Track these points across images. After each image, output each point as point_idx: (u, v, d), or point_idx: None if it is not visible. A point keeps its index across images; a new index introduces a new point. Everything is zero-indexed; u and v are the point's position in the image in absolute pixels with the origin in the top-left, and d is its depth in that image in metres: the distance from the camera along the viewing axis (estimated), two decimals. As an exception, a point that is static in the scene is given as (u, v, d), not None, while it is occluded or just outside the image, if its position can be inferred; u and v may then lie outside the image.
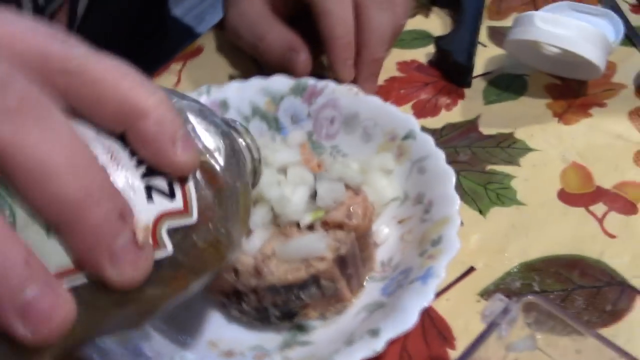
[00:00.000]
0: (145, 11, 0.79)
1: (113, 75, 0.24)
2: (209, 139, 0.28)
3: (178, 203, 0.26)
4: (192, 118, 0.28)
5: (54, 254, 0.23)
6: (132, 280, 0.23)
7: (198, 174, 0.27)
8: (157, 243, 0.25)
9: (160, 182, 0.25)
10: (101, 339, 0.27)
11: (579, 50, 0.48)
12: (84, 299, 0.23)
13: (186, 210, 0.26)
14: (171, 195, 0.25)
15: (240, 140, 0.31)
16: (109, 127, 0.25)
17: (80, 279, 0.23)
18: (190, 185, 0.26)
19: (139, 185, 0.25)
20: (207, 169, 0.27)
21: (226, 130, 0.29)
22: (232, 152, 0.28)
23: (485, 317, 0.32)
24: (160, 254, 0.25)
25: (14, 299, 0.21)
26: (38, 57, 0.23)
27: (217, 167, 0.27)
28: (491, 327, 0.30)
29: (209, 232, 0.27)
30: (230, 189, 0.28)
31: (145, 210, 0.25)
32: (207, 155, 0.27)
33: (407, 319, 0.35)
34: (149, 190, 0.25)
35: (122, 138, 0.25)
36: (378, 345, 0.34)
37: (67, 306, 0.22)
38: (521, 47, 0.53)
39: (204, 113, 0.28)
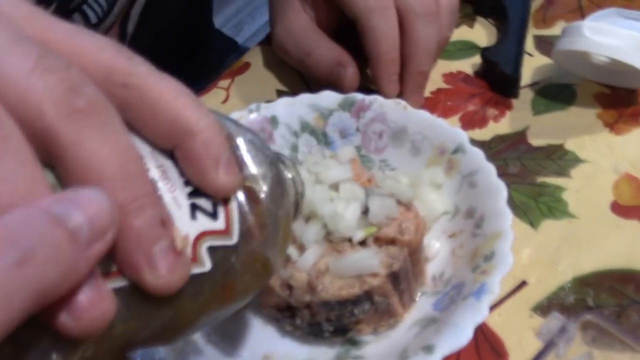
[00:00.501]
0: (191, 26, 0.80)
1: (170, 94, 0.25)
2: (256, 165, 0.28)
3: (220, 224, 0.27)
4: (242, 144, 0.29)
5: None
6: (168, 285, 0.24)
7: (242, 198, 0.27)
8: (197, 259, 0.26)
9: (205, 203, 0.26)
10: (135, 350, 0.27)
11: (629, 60, 0.48)
12: (123, 302, 0.24)
13: (227, 231, 0.27)
14: (214, 215, 0.26)
15: (287, 172, 0.32)
16: (160, 143, 0.26)
17: (120, 282, 0.24)
18: (234, 207, 0.27)
19: (185, 202, 0.26)
20: (251, 194, 0.28)
21: (274, 160, 0.30)
22: (278, 182, 0.29)
23: (542, 335, 0.32)
24: (198, 269, 0.26)
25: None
26: (103, 70, 0.25)
27: (262, 194, 0.28)
28: (549, 346, 0.30)
29: (248, 256, 0.27)
30: (273, 216, 0.28)
31: (188, 226, 0.26)
32: (253, 182, 0.28)
33: (461, 335, 0.35)
34: (193, 208, 0.26)
35: (174, 157, 0.26)
36: (433, 362, 0.34)
37: (109, 301, 0.22)
38: (569, 57, 0.52)
39: (255, 141, 0.29)
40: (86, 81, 0.23)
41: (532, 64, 0.57)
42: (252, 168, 0.28)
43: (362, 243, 0.39)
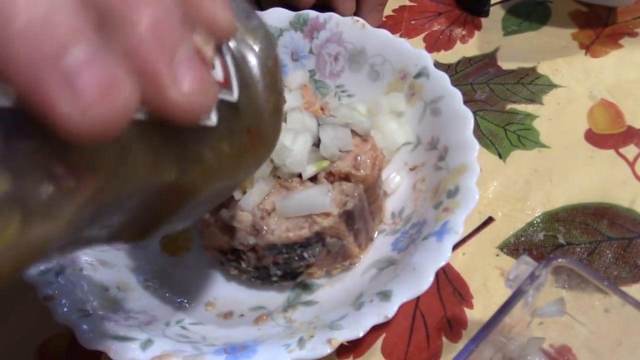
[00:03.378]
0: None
1: None
2: (245, 18, 0.25)
3: (218, 74, 0.21)
4: None
5: None
6: (197, 106, 0.17)
7: (236, 49, 0.23)
8: None
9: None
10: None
11: (611, -27, 0.43)
12: (140, 136, 0.18)
13: (226, 84, 0.22)
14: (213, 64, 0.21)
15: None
16: None
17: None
18: (228, 60, 0.22)
19: None
20: (245, 46, 0.24)
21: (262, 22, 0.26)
22: (265, 34, 0.25)
23: (510, 282, 0.28)
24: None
25: (55, 60, 0.15)
26: None
27: (256, 46, 0.24)
28: (517, 294, 0.27)
29: (250, 115, 0.23)
30: (266, 70, 0.24)
31: None
32: (246, 33, 0.24)
33: (421, 281, 0.32)
34: None
35: None
36: (390, 310, 0.31)
37: (130, 87, 0.16)
38: (545, -30, 0.47)
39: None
40: None
41: (504, -21, 0.52)
42: (244, 20, 0.24)
43: (313, 179, 0.35)
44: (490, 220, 0.39)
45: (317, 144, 0.35)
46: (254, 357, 0.30)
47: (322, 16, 0.44)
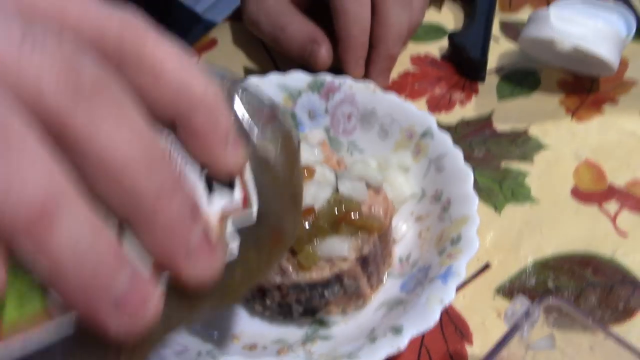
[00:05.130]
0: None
1: (173, 56, 0.22)
2: (260, 128, 0.26)
3: (237, 197, 0.24)
4: (240, 104, 0.26)
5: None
6: (208, 277, 0.22)
7: (254, 166, 0.26)
8: (224, 242, 0.24)
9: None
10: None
11: (592, 49, 0.49)
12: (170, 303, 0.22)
13: (245, 205, 0.25)
14: (231, 187, 0.24)
15: (284, 120, 0.28)
16: (159, 113, 0.22)
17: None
18: (248, 178, 0.25)
19: (198, 177, 0.24)
20: (262, 160, 0.26)
21: (274, 111, 0.27)
22: (284, 138, 0.27)
23: (507, 318, 0.33)
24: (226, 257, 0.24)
25: (107, 291, 0.19)
26: (94, 33, 0.21)
27: (272, 157, 0.26)
28: (514, 328, 0.32)
29: (267, 227, 0.26)
30: (285, 177, 0.27)
31: (208, 205, 0.24)
32: (262, 147, 0.26)
33: (429, 317, 0.36)
34: (209, 182, 0.24)
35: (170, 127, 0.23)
36: (401, 342, 0.35)
37: (158, 294, 0.21)
38: (535, 43, 0.53)
39: (249, 92, 0.27)
40: (84, 53, 0.20)
41: (498, 49, 0.58)
42: (258, 132, 0.26)
43: (335, 226, 0.39)
44: (487, 266, 0.43)
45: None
46: (283, 382, 0.34)
47: (337, 80, 0.49)
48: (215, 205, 0.24)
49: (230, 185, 0.24)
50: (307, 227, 0.38)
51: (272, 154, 0.26)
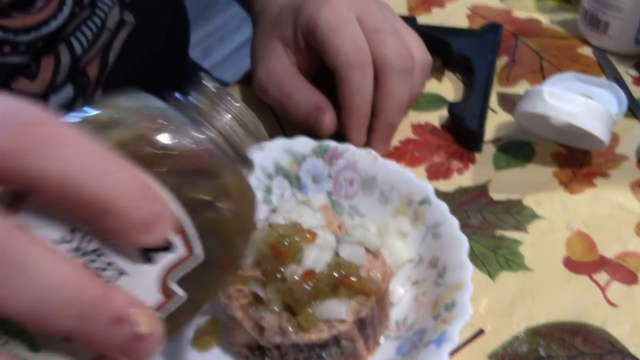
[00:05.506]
0: (169, 57, 0.82)
1: (69, 165, 0.23)
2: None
3: (181, 251, 0.26)
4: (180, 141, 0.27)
5: None
6: (149, 355, 0.25)
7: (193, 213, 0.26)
8: (170, 295, 0.26)
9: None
10: None
11: (585, 126, 0.51)
12: None
13: (191, 253, 0.26)
14: (169, 248, 0.26)
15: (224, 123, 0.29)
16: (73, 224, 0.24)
17: None
18: (187, 227, 0.26)
19: (132, 253, 0.25)
20: (202, 202, 0.27)
21: (214, 142, 0.28)
22: (224, 168, 0.28)
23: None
24: (175, 303, 0.27)
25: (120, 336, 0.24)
26: None
27: (212, 198, 0.27)
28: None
29: (218, 265, 0.28)
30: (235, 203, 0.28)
31: (147, 279, 0.26)
32: (200, 192, 0.27)
33: (422, 381, 0.37)
34: (145, 253, 0.26)
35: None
36: (395, 406, 0.36)
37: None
38: (530, 117, 0.56)
39: (184, 128, 0.27)
40: None
41: (496, 120, 0.60)
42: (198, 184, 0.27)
43: (334, 290, 0.40)
44: (481, 332, 0.45)
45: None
46: None
47: (341, 147, 0.52)
48: (159, 264, 0.26)
49: (169, 246, 0.26)
50: (307, 289, 0.39)
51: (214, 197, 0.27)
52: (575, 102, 0.52)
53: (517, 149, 0.57)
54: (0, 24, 0.49)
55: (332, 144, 0.52)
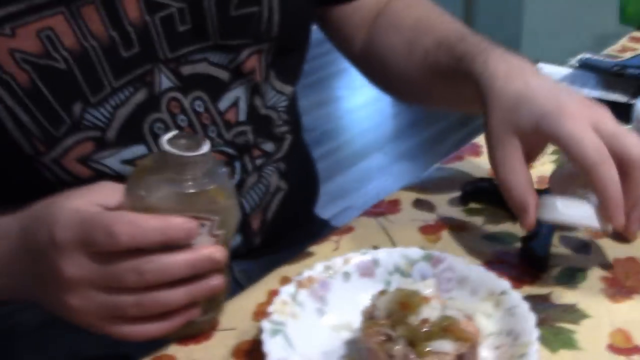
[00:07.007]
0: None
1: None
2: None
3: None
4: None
5: None
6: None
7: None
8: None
9: None
10: None
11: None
12: None
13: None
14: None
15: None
16: None
17: None
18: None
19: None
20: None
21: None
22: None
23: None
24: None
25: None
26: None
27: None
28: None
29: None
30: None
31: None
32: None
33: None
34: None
35: None
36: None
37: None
38: None
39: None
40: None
41: None
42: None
43: (442, 331, 0.59)
44: (544, 386, 0.62)
45: (442, 317, 0.61)
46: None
47: (443, 255, 0.73)
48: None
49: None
50: (424, 330, 0.59)
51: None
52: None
53: None
54: None
55: (436, 253, 0.73)
